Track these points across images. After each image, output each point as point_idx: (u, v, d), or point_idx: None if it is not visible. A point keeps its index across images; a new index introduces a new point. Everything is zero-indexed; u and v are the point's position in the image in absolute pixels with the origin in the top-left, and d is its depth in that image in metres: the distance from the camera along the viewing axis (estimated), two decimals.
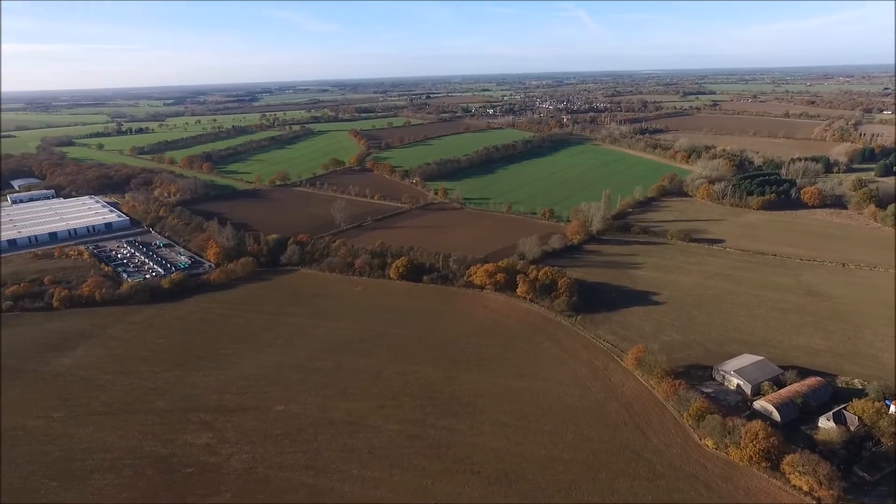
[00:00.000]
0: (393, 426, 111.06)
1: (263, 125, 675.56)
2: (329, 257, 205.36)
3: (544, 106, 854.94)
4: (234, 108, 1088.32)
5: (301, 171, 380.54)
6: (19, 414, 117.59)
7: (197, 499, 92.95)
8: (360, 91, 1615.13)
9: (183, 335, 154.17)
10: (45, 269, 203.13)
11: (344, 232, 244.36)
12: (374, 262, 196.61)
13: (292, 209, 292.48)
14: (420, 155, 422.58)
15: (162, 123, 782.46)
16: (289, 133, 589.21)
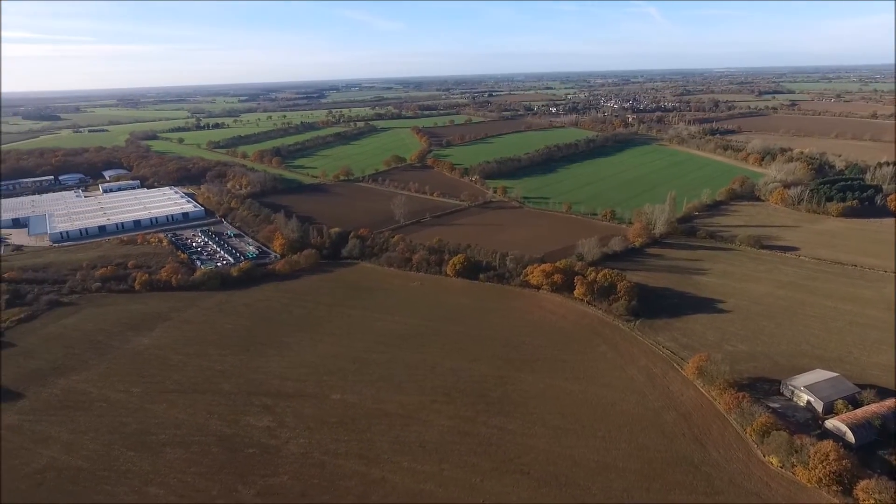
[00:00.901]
0: (444, 421, 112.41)
1: (330, 121, 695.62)
2: (388, 252, 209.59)
3: (609, 104, 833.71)
4: (303, 104, 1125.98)
5: (364, 166, 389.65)
6: (104, 386, 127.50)
7: (257, 478, 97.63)
8: (424, 89, 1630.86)
9: (249, 322, 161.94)
10: (129, 255, 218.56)
11: (403, 228, 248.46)
12: (431, 258, 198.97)
13: (354, 204, 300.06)
14: (480, 153, 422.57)
15: (236, 119, 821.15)
16: (353, 129, 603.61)
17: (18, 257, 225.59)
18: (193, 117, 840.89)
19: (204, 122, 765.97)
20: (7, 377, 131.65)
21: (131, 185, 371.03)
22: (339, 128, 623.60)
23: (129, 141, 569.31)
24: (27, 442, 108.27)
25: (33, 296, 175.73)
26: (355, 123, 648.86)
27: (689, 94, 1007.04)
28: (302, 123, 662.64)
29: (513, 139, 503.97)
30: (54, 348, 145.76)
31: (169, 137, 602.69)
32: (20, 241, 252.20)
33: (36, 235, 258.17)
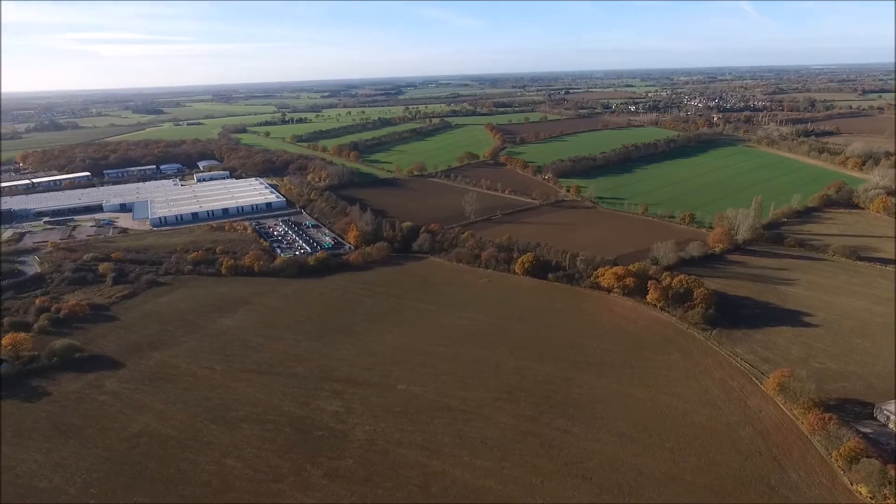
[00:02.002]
0: (507, 420, 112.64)
1: (406, 117, 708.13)
2: (457, 248, 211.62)
3: (693, 103, 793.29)
4: (381, 100, 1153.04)
5: (437, 162, 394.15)
6: (192, 362, 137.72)
7: (324, 460, 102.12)
8: (499, 86, 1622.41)
9: (322, 309, 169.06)
10: (218, 241, 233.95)
11: (473, 224, 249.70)
12: (500, 255, 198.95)
13: (426, 199, 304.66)
14: (554, 151, 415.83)
15: (318, 114, 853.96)
16: (428, 126, 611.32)
17: (124, 239, 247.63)
18: (279, 112, 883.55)
19: (288, 116, 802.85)
20: (110, 348, 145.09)
21: (222, 175, 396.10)
22: (414, 124, 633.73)
23: (221, 134, 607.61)
24: (125, 408, 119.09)
25: (135, 275, 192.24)
26: (430, 120, 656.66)
27: (782, 93, 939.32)
28: (379, 119, 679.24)
29: (588, 137, 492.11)
30: (151, 324, 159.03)
31: (257, 131, 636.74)
32: (126, 224, 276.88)
33: (139, 220, 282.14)
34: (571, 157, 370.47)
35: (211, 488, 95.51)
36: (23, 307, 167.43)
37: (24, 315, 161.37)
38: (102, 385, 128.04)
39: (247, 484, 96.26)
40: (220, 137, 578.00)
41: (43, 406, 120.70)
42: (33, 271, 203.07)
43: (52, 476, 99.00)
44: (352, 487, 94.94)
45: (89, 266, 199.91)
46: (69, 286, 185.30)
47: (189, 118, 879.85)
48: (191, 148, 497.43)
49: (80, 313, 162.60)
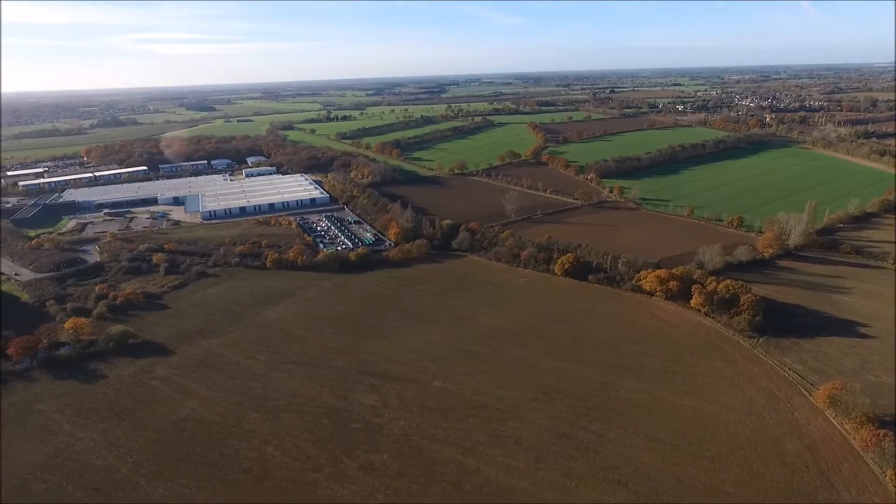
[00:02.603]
0: (542, 421, 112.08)
1: (448, 115, 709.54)
2: (496, 247, 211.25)
3: (744, 103, 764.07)
4: (424, 98, 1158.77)
5: (478, 161, 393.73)
6: (236, 352, 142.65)
7: (360, 452, 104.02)
8: (543, 84, 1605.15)
9: (362, 304, 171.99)
10: (263, 234, 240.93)
11: (513, 223, 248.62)
12: (539, 255, 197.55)
13: (467, 197, 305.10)
14: (598, 151, 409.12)
15: (362, 112, 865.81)
16: (471, 124, 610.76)
17: (176, 231, 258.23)
18: (325, 110, 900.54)
19: (333, 114, 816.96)
20: (161, 335, 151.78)
21: (269, 170, 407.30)
22: (456, 122, 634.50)
23: (269, 131, 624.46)
24: (174, 393, 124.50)
25: (186, 266, 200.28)
26: (473, 118, 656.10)
27: (841, 92, 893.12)
28: (422, 117, 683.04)
29: (633, 137, 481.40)
30: (199, 313, 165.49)
31: (303, 128, 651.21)
32: (178, 216, 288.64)
33: (190, 213, 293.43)
34: (615, 157, 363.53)
35: (252, 474, 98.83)
36: (84, 294, 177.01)
37: (85, 301, 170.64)
38: (154, 370, 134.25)
39: (285, 472, 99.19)
40: (267, 134, 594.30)
41: (100, 388, 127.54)
42: (94, 260, 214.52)
43: (107, 454, 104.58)
44: (386, 481, 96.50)
45: (144, 256, 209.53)
46: (125, 275, 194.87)
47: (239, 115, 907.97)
48: (240, 144, 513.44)
49: (134, 301, 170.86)
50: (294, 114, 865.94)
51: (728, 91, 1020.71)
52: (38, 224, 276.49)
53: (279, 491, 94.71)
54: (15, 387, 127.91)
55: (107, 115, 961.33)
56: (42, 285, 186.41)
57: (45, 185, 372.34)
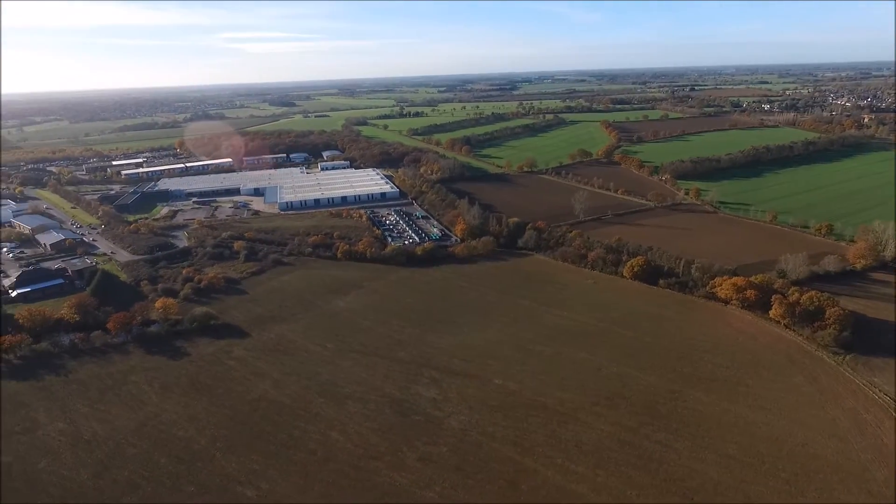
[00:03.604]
0: (604, 426, 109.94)
1: (519, 113, 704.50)
2: (563, 246, 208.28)
3: (839, 102, 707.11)
4: (496, 95, 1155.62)
5: (548, 159, 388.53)
6: (307, 338, 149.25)
7: (419, 444, 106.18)
8: (618, 82, 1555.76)
9: (427, 298, 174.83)
10: (335, 226, 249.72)
11: (582, 223, 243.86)
12: (608, 256, 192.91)
13: (535, 196, 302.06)
14: (674, 151, 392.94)
15: (434, 108, 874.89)
16: (542, 122, 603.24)
17: (255, 220, 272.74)
18: (398, 106, 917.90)
19: (406, 110, 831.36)
20: (239, 318, 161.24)
21: (343, 164, 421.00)
22: (527, 119, 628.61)
23: (344, 126, 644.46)
24: (249, 374, 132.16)
25: (263, 254, 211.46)
26: (544, 116, 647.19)
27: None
28: (493, 114, 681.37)
29: (713, 138, 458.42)
30: (274, 300, 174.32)
31: (376, 124, 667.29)
32: (258, 207, 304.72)
33: (269, 203, 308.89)
34: (692, 158, 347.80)
35: (316, 457, 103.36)
36: (172, 276, 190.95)
37: (173, 283, 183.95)
38: (231, 351, 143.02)
39: (348, 457, 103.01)
40: (342, 129, 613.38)
41: (184, 365, 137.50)
42: (182, 245, 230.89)
43: (188, 426, 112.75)
44: (443, 474, 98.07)
45: (226, 243, 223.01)
46: (209, 260, 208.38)
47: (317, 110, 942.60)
48: (317, 139, 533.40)
49: (216, 285, 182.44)
50: (368, 110, 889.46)
51: (821, 90, 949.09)
52: (136, 210, 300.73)
53: (340, 475, 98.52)
54: (113, 358, 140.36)
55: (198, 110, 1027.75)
56: (137, 266, 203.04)
57: (143, 175, 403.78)
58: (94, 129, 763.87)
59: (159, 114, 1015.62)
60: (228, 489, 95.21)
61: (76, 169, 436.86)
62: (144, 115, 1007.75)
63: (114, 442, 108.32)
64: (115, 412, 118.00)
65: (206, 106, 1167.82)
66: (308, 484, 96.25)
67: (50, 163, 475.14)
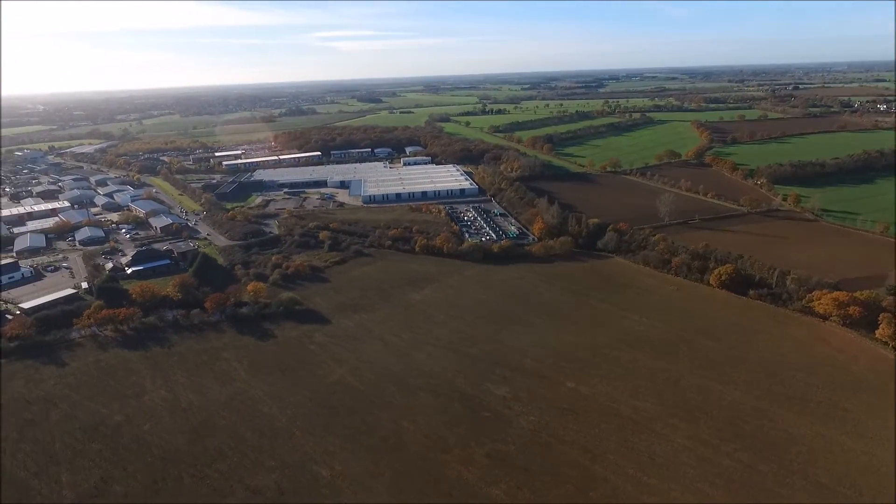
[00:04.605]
0: (681, 440, 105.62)
1: (604, 111, 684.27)
2: (646, 250, 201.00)
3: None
4: (581, 93, 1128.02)
5: (633, 159, 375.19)
6: (383, 329, 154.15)
7: (487, 440, 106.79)
8: (713, 79, 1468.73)
9: (501, 296, 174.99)
10: (414, 221, 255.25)
11: (666, 227, 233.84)
12: (693, 263, 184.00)
13: (617, 196, 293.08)
14: (772, 153, 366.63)
15: (517, 106, 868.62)
16: (628, 121, 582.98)
17: (340, 212, 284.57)
18: (480, 103, 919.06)
19: (488, 107, 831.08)
20: (321, 306, 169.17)
21: (424, 160, 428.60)
22: (612, 118, 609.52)
23: (427, 122, 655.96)
24: (328, 359, 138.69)
25: (346, 244, 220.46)
26: (630, 114, 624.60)
27: None
28: (576, 112, 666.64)
29: (818, 140, 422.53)
30: (354, 289, 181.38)
31: (458, 120, 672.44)
32: (343, 199, 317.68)
33: (353, 196, 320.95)
34: (793, 162, 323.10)
35: (388, 444, 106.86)
36: (263, 262, 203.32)
37: (263, 268, 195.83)
38: (313, 336, 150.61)
39: (417, 447, 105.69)
40: (426, 125, 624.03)
41: (270, 346, 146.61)
42: (273, 232, 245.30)
43: (272, 404, 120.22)
44: (511, 472, 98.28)
45: (312, 233, 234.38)
46: (297, 248, 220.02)
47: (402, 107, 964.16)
48: (401, 134, 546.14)
49: (302, 272, 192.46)
50: (451, 106, 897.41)
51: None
52: (233, 199, 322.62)
53: (410, 464, 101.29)
54: (208, 335, 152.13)
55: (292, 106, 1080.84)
56: (233, 251, 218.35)
57: (241, 165, 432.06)
58: (201, 122, 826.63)
59: (257, 109, 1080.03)
60: (305, 467, 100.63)
61: (184, 159, 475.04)
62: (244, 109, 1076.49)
63: (206, 412, 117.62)
64: (208, 385, 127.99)
65: (300, 101, 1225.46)
66: (379, 470, 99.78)
67: (162, 153, 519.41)
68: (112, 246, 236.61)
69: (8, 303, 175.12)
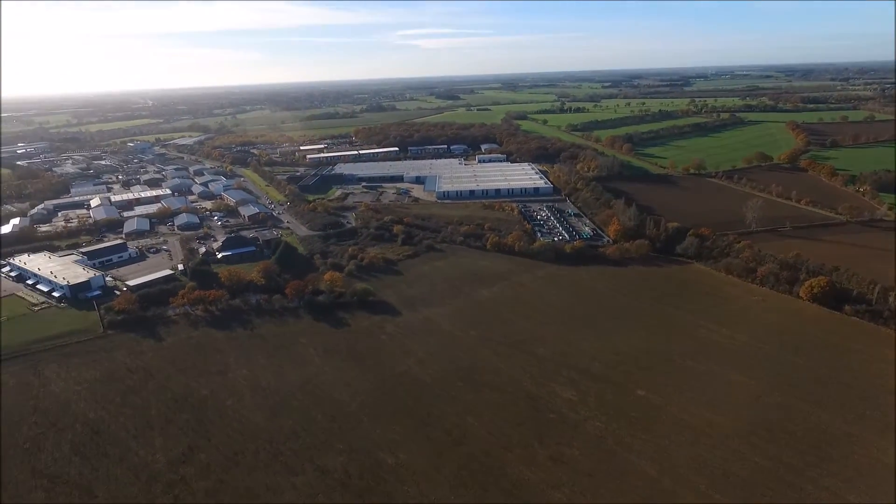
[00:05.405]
0: (760, 459, 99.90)
1: (690, 111, 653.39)
2: (729, 257, 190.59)
3: None
4: (665, 92, 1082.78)
5: (719, 161, 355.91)
6: (451, 324, 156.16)
7: (551, 443, 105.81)
8: (813, 78, 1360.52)
9: (572, 297, 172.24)
10: (487, 218, 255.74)
11: (753, 234, 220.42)
12: (782, 273, 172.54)
13: (700, 200, 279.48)
14: (878, 158, 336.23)
15: (596, 104, 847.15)
16: (715, 121, 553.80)
17: (414, 207, 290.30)
18: (559, 101, 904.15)
19: (567, 106, 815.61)
20: (393, 297, 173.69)
21: (499, 157, 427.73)
22: (698, 118, 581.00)
23: (504, 120, 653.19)
24: (397, 350, 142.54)
25: (418, 239, 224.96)
26: (718, 114, 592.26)
27: None
28: (659, 111, 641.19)
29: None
30: (425, 283, 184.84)
31: (535, 118, 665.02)
32: (417, 194, 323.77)
33: (428, 192, 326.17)
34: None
35: (451, 437, 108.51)
36: (340, 252, 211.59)
37: (340, 259, 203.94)
38: (384, 327, 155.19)
39: (480, 443, 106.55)
40: (502, 123, 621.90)
41: (343, 334, 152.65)
42: (350, 224, 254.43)
43: (342, 390, 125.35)
44: (574, 477, 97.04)
45: (387, 226, 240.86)
46: (371, 241, 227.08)
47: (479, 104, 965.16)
48: (477, 132, 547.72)
49: (375, 264, 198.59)
50: (529, 104, 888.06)
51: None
52: (315, 191, 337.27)
53: (472, 459, 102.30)
54: (287, 320, 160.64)
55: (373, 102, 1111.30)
56: (312, 241, 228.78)
57: (323, 159, 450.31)
58: (289, 117, 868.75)
59: (341, 105, 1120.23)
60: (371, 453, 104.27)
61: (272, 152, 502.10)
62: (328, 105, 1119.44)
63: (282, 393, 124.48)
64: (285, 367, 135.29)
65: (381, 98, 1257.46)
66: (441, 462, 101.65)
67: (253, 146, 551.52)
68: (205, 232, 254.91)
69: (118, 280, 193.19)
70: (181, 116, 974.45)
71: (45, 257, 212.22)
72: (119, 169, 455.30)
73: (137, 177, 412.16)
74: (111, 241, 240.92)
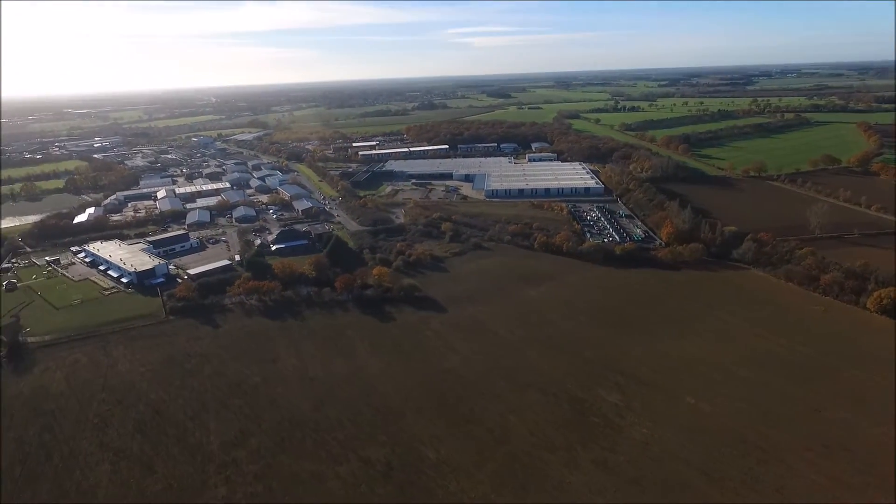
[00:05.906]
0: (817, 477, 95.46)
1: (752, 111, 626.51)
2: (789, 264, 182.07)
3: None
4: (725, 91, 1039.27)
5: (782, 164, 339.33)
6: (496, 322, 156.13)
7: (595, 447, 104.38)
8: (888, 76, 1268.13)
9: (621, 300, 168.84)
10: (535, 217, 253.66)
11: (816, 240, 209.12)
12: (847, 282, 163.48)
13: (759, 204, 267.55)
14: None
15: (652, 103, 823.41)
16: (778, 121, 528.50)
17: (462, 205, 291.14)
18: (612, 100, 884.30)
19: (621, 104, 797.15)
20: (439, 294, 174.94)
21: (550, 157, 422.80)
22: (761, 118, 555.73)
23: (555, 119, 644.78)
24: (442, 346, 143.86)
25: (466, 237, 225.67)
26: (782, 114, 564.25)
27: None
28: (719, 111, 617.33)
29: None
30: (471, 281, 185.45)
31: (588, 117, 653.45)
32: (466, 192, 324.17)
33: (476, 190, 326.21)
34: None
35: (493, 436, 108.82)
36: (388, 248, 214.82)
37: (388, 254, 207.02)
38: (429, 323, 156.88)
39: (522, 444, 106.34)
40: (553, 122, 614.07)
41: (389, 328, 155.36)
42: (399, 221, 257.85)
43: (387, 383, 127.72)
44: (617, 483, 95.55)
45: (435, 223, 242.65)
46: (419, 237, 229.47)
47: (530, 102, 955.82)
48: (527, 130, 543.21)
49: (423, 261, 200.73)
50: (581, 103, 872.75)
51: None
52: (366, 187, 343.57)
53: (514, 459, 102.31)
54: (336, 312, 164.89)
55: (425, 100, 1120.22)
56: (362, 236, 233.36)
57: (375, 156, 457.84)
58: (342, 114, 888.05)
59: (393, 102, 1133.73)
60: (413, 447, 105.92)
61: (326, 148, 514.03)
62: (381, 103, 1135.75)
63: (329, 384, 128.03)
64: (332, 358, 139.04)
65: (433, 96, 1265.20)
66: (482, 460, 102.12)
67: (308, 142, 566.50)
68: (261, 224, 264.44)
69: (179, 268, 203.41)
70: (241, 113, 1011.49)
71: (116, 245, 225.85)
72: (183, 163, 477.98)
73: (200, 170, 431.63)
74: (175, 231, 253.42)
